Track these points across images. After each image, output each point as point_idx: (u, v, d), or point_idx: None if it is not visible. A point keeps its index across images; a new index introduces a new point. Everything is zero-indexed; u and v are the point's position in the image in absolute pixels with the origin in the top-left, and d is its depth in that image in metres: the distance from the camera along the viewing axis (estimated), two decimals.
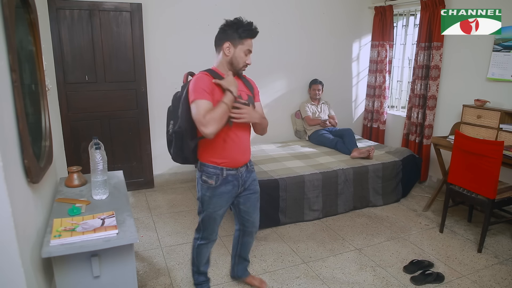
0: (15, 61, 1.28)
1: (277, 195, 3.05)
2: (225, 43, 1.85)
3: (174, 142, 1.88)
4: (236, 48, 1.86)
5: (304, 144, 4.21)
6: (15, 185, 1.26)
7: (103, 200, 1.83)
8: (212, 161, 1.89)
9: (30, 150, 1.39)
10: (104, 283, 1.51)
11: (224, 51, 1.86)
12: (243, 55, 1.88)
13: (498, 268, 2.57)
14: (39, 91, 1.79)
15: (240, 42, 1.85)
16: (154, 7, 3.66)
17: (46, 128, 1.79)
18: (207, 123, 1.69)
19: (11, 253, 1.19)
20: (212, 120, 1.70)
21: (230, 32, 1.84)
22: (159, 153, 4.00)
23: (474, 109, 3.38)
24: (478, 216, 3.32)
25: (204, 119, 1.69)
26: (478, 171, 2.68)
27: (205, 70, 1.89)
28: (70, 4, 3.31)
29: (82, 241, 1.40)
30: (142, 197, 3.76)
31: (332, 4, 4.48)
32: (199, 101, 1.73)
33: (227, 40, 1.85)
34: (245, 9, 4.04)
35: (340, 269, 2.54)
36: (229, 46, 1.85)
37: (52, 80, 2.91)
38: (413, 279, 2.42)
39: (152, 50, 3.74)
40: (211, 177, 1.90)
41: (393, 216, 3.39)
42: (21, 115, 1.32)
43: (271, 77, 4.35)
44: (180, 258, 2.64)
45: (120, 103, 3.69)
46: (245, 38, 1.85)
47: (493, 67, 3.37)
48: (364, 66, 4.87)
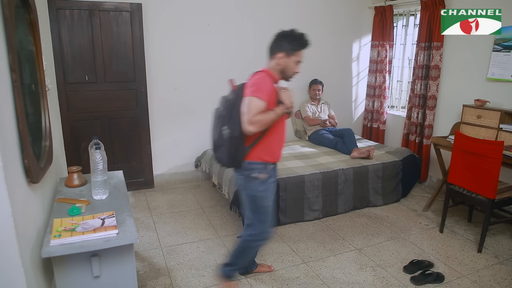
0: (15, 61, 1.29)
1: (277, 195, 3.05)
2: (279, 53, 1.96)
3: (227, 147, 1.95)
4: (288, 58, 1.96)
5: (304, 144, 4.21)
6: (15, 185, 1.26)
7: (103, 200, 1.83)
8: (260, 158, 1.99)
9: (30, 150, 1.39)
10: (104, 283, 1.51)
11: (278, 60, 1.97)
12: (294, 65, 1.99)
13: (498, 268, 2.57)
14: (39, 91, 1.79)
15: (293, 54, 1.96)
16: (154, 7, 3.66)
17: (46, 128, 1.79)
18: (255, 122, 1.82)
19: (11, 253, 1.19)
20: (259, 122, 1.83)
21: (285, 43, 1.95)
22: (159, 153, 4.00)
23: (474, 109, 3.38)
24: (478, 216, 3.31)
25: (253, 117, 1.82)
26: (478, 171, 2.68)
27: (263, 70, 1.99)
28: (70, 4, 3.31)
29: (82, 241, 1.40)
30: (142, 197, 3.76)
31: (332, 4, 4.48)
32: (255, 99, 1.85)
33: (282, 51, 1.95)
34: (246, 9, 4.04)
35: (340, 269, 2.54)
36: (283, 56, 1.96)
37: (52, 80, 2.91)
38: (413, 279, 2.42)
39: (152, 50, 3.74)
40: (262, 172, 2.01)
41: (393, 216, 3.39)
42: (21, 115, 1.32)
43: None
44: (180, 258, 2.64)
45: (120, 103, 3.69)
46: (297, 50, 1.97)
47: (493, 67, 3.37)
48: (364, 66, 4.87)
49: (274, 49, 1.98)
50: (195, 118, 4.08)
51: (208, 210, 3.47)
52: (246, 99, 1.87)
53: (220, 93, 4.20)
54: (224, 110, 1.98)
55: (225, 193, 3.27)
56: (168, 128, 4.00)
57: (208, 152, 3.93)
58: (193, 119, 4.08)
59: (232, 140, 1.92)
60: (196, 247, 2.80)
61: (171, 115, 3.97)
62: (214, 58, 4.03)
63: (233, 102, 1.94)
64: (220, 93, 4.19)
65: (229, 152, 1.95)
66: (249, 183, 2.02)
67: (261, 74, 1.96)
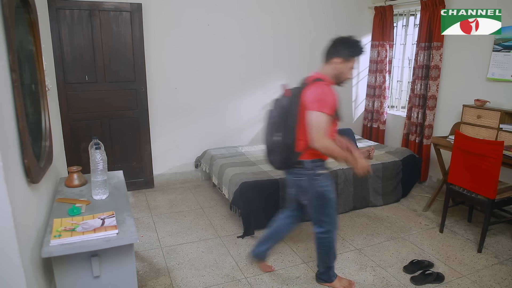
0: (15, 61, 1.28)
1: (277, 195, 3.05)
2: (336, 58, 2.03)
3: (279, 152, 2.07)
4: (345, 64, 2.04)
5: None
6: (15, 185, 1.26)
7: (103, 200, 1.83)
8: (317, 155, 2.06)
9: (30, 150, 1.39)
10: (104, 283, 1.51)
11: (335, 65, 2.04)
12: (348, 71, 2.07)
13: (498, 268, 2.57)
14: (39, 91, 1.79)
15: (349, 60, 2.04)
16: (154, 7, 3.66)
17: (46, 128, 1.79)
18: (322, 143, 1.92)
19: (11, 253, 1.19)
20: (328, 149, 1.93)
21: (342, 49, 2.02)
22: (159, 153, 4.00)
23: (474, 109, 3.38)
24: (478, 216, 3.31)
25: (322, 138, 1.91)
26: (478, 171, 2.68)
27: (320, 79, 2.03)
28: (70, 4, 3.31)
29: (82, 241, 1.40)
30: (142, 197, 3.76)
31: (332, 4, 4.48)
32: (323, 115, 1.92)
33: (339, 56, 2.03)
34: (246, 9, 4.04)
35: (340, 269, 2.54)
36: (340, 62, 2.03)
37: (52, 80, 2.90)
38: (413, 279, 2.42)
39: (152, 50, 3.74)
40: (322, 168, 2.11)
41: (393, 216, 3.39)
42: (21, 115, 1.32)
43: (271, 77, 4.35)
44: (180, 258, 2.64)
45: (120, 103, 3.69)
46: (354, 56, 2.05)
47: (493, 67, 3.37)
48: (364, 66, 4.87)
49: (331, 54, 2.05)
50: (195, 118, 4.09)
51: (208, 210, 3.47)
52: (313, 114, 1.92)
53: (220, 93, 4.23)
54: (277, 117, 2.06)
55: (225, 193, 3.27)
56: (168, 128, 4.00)
57: (208, 152, 3.93)
58: (193, 119, 4.08)
59: (284, 146, 2.03)
60: (196, 247, 2.80)
61: (171, 115, 3.97)
62: (214, 58, 4.03)
63: (287, 109, 2.02)
64: (220, 93, 4.23)
65: (281, 156, 2.08)
66: (315, 181, 2.09)
67: (322, 85, 2.00)
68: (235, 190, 2.98)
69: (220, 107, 4.19)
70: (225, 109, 4.22)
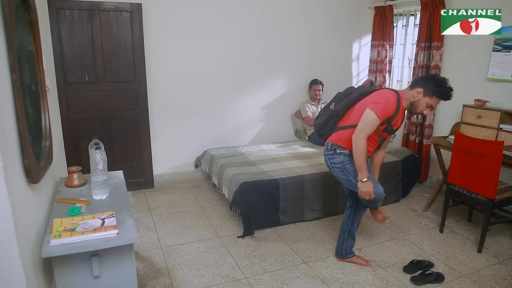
0: (15, 61, 1.28)
1: (277, 195, 3.05)
2: (419, 87, 2.16)
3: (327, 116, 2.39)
4: (423, 97, 2.15)
5: (304, 144, 4.21)
6: (15, 185, 1.26)
7: (103, 200, 1.83)
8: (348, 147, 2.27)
9: (30, 150, 1.39)
10: (104, 283, 1.51)
11: (414, 93, 2.18)
12: (424, 105, 2.17)
13: (498, 268, 2.57)
14: (39, 91, 1.79)
15: (429, 95, 2.14)
16: (154, 7, 3.66)
17: (46, 128, 1.79)
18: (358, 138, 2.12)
19: (11, 253, 1.19)
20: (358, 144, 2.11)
21: (430, 84, 2.14)
22: (159, 153, 4.00)
23: (474, 109, 3.38)
24: (478, 216, 3.31)
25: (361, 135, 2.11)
26: (478, 171, 2.68)
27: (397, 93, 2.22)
28: (70, 4, 3.31)
29: (82, 241, 1.40)
30: (142, 197, 3.76)
31: (332, 4, 4.48)
32: (375, 117, 2.11)
33: (422, 87, 2.15)
34: (246, 9, 4.04)
35: (340, 269, 2.54)
36: (420, 92, 2.16)
37: (52, 80, 2.91)
38: (413, 279, 2.42)
39: (152, 50, 3.74)
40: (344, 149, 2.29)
41: (393, 216, 3.39)
42: (21, 115, 1.32)
43: (271, 77, 4.35)
44: (180, 258, 2.64)
45: (120, 103, 3.69)
46: (436, 96, 2.14)
47: (493, 67, 3.37)
48: (364, 66, 4.86)
49: (418, 83, 2.19)
50: (195, 118, 4.09)
51: (208, 210, 3.47)
52: (367, 110, 2.13)
53: (220, 93, 4.23)
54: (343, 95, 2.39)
55: (225, 193, 3.27)
56: (168, 128, 4.00)
57: (208, 152, 3.93)
58: (193, 119, 4.08)
59: (333, 113, 2.36)
60: (196, 247, 2.80)
61: (171, 115, 3.97)
62: (214, 58, 4.03)
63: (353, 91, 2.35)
64: (220, 93, 4.23)
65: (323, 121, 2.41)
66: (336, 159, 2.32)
67: (391, 94, 2.15)
68: (235, 190, 2.98)
69: (220, 107, 4.19)
70: (225, 109, 4.22)
